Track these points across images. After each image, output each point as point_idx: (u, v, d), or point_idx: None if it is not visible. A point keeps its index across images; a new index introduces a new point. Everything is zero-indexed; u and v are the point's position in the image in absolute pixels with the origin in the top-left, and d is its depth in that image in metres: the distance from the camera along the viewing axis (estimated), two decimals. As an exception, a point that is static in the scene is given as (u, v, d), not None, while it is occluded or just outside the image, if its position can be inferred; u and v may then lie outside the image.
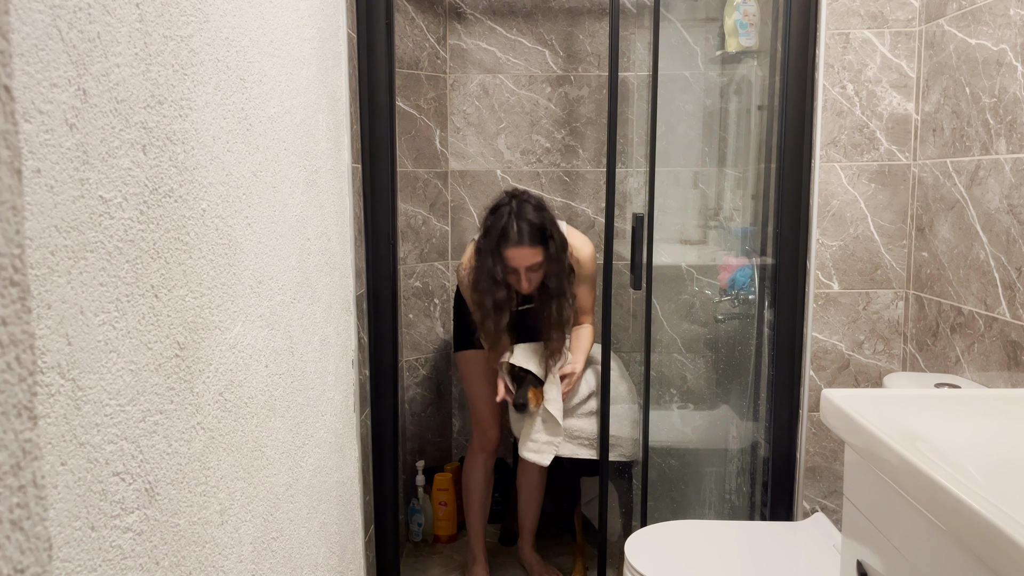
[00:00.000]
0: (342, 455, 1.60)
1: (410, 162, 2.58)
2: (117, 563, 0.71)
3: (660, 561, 1.61)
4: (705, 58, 2.38)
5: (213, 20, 0.94)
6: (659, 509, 2.34)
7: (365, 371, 1.88)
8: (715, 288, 2.35)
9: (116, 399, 0.71)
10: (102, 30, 0.69)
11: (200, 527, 0.89)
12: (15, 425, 0.55)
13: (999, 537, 0.71)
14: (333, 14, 1.57)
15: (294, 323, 1.26)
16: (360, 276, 1.83)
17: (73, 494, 0.64)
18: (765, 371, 2.06)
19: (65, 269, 0.63)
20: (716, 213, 2.41)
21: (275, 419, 1.16)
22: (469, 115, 2.69)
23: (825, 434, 1.96)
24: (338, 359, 1.58)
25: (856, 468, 1.08)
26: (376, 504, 1.97)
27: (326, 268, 1.49)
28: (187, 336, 0.86)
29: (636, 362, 2.45)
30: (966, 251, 1.67)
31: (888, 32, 1.85)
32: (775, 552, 1.69)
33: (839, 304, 1.93)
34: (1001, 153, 1.54)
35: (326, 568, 1.44)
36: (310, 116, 1.37)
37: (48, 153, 0.60)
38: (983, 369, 1.61)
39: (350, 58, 1.74)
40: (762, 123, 2.13)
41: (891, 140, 1.88)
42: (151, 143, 0.78)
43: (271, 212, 1.15)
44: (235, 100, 1.00)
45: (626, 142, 2.49)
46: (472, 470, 2.29)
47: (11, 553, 0.54)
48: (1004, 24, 1.53)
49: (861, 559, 1.06)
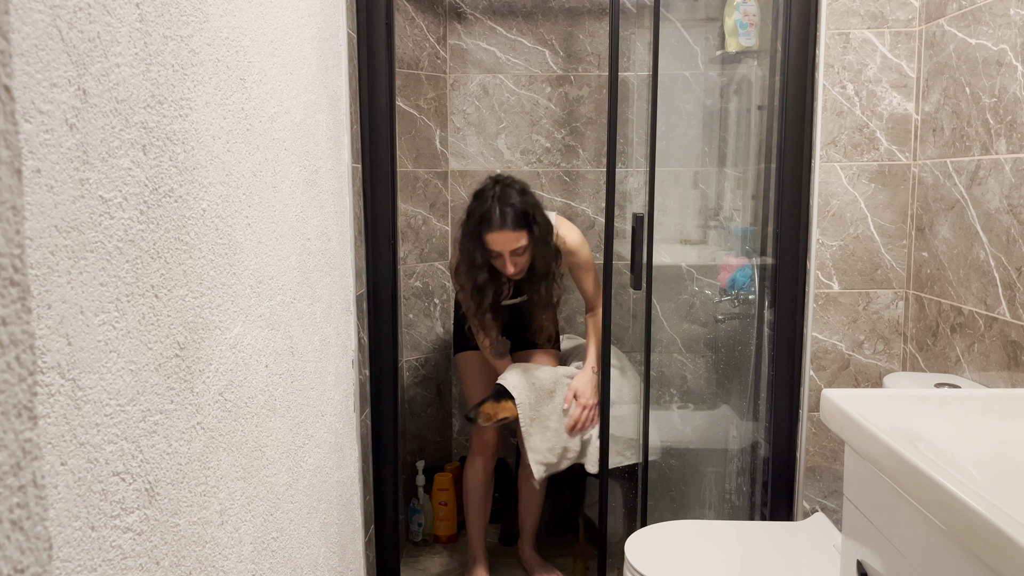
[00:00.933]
0: (342, 455, 1.60)
1: (410, 162, 2.58)
2: (117, 563, 0.71)
3: (660, 561, 1.61)
4: (705, 58, 2.38)
5: (213, 20, 0.94)
6: (659, 509, 2.34)
7: (365, 371, 1.88)
8: (715, 288, 2.35)
9: (116, 399, 0.71)
10: (102, 30, 0.69)
11: (200, 527, 0.89)
12: (15, 425, 0.55)
13: (999, 537, 0.71)
14: (333, 14, 1.57)
15: (294, 323, 1.26)
16: (360, 276, 1.83)
17: (73, 494, 0.64)
18: (765, 371, 2.06)
19: (65, 269, 0.63)
20: (716, 213, 2.41)
21: (275, 419, 1.16)
22: (469, 115, 2.69)
23: (825, 434, 1.96)
24: (338, 359, 1.58)
25: (856, 468, 1.08)
26: (376, 504, 1.97)
27: (326, 268, 1.49)
28: (187, 336, 0.86)
29: (636, 362, 2.45)
30: (966, 251, 1.67)
31: (888, 32, 1.85)
32: (775, 552, 1.68)
33: (839, 304, 1.93)
34: (1001, 153, 1.54)
35: (326, 568, 1.44)
36: (310, 116, 1.37)
37: (48, 153, 0.60)
38: (983, 369, 1.61)
39: (350, 58, 1.74)
40: (762, 123, 2.13)
41: (891, 140, 1.88)
42: (151, 143, 0.78)
43: (271, 212, 1.15)
44: (235, 100, 1.00)
45: (626, 142, 2.49)
46: (472, 473, 2.29)
47: (11, 553, 0.54)
48: (1004, 24, 1.53)
49: (861, 559, 1.06)
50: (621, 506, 2.40)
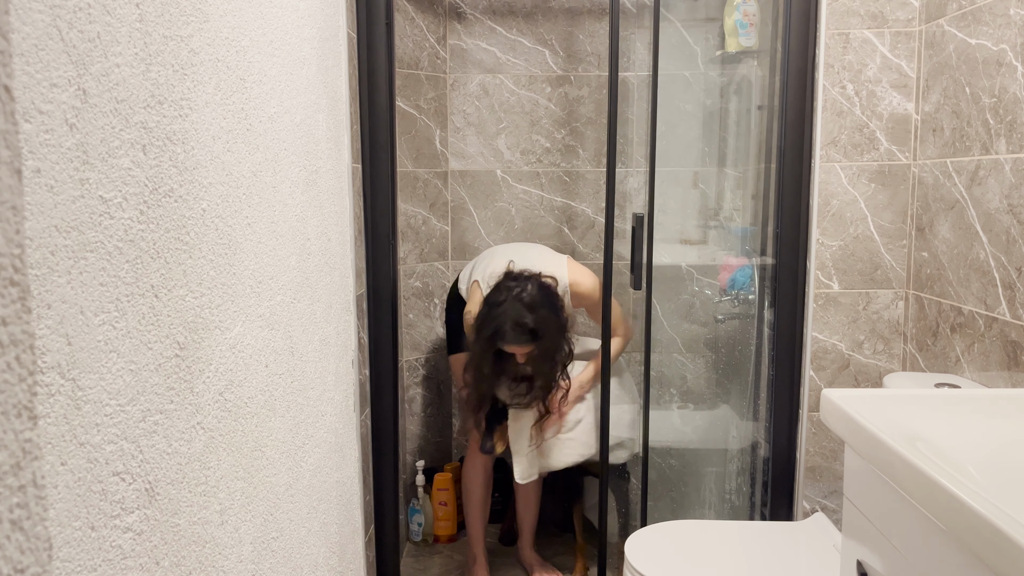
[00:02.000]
0: (342, 455, 1.60)
1: (410, 162, 2.58)
2: (117, 563, 0.71)
3: (660, 561, 1.61)
4: (705, 58, 2.38)
5: (213, 20, 0.94)
6: (659, 509, 2.34)
7: (365, 371, 1.88)
8: (715, 288, 2.35)
9: (116, 399, 0.71)
10: (102, 30, 0.69)
11: (200, 527, 0.89)
12: (15, 425, 0.55)
13: (999, 537, 0.71)
14: (333, 14, 1.57)
15: (294, 323, 1.26)
16: (360, 276, 1.83)
17: (73, 494, 0.64)
18: (765, 371, 2.06)
19: (65, 269, 0.63)
20: (716, 213, 2.41)
21: (275, 419, 1.16)
22: (469, 115, 2.69)
23: (825, 434, 1.96)
24: (338, 359, 1.58)
25: (856, 468, 1.08)
26: (376, 504, 1.97)
27: (326, 268, 1.49)
28: (187, 336, 0.86)
29: (636, 362, 2.45)
30: (966, 251, 1.67)
31: (888, 32, 1.85)
32: (775, 552, 1.69)
33: (839, 304, 1.93)
34: (1001, 153, 1.54)
35: (326, 568, 1.44)
36: (310, 116, 1.37)
37: (48, 153, 0.60)
38: (983, 369, 1.60)
39: (350, 58, 1.74)
40: (762, 123, 2.13)
41: (891, 140, 1.88)
42: (151, 143, 0.78)
43: (271, 212, 1.15)
44: (235, 100, 1.00)
45: (626, 142, 2.49)
46: (471, 472, 2.30)
47: (11, 553, 0.54)
48: (1004, 24, 1.53)
49: (861, 559, 1.06)
50: (617, 506, 2.40)
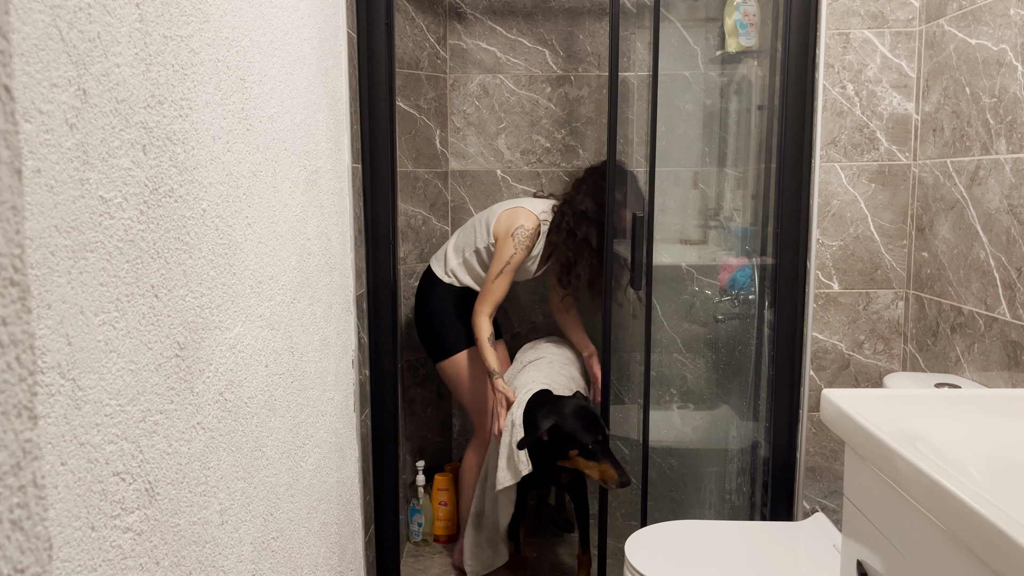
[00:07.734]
0: (342, 455, 1.60)
1: (410, 162, 2.58)
2: (117, 563, 0.71)
3: (660, 561, 1.61)
4: (705, 58, 2.38)
5: (213, 20, 0.94)
6: (659, 509, 2.34)
7: (365, 371, 1.88)
8: (715, 288, 2.35)
9: (116, 399, 0.71)
10: (102, 30, 0.69)
11: (200, 527, 0.89)
12: (15, 425, 0.55)
13: (999, 537, 0.71)
14: (333, 14, 1.57)
15: (294, 323, 1.26)
16: (360, 276, 1.83)
17: (73, 494, 0.64)
18: (765, 371, 2.06)
19: (65, 269, 0.63)
20: (716, 213, 2.40)
21: (275, 419, 1.16)
22: (469, 115, 2.69)
23: (825, 434, 1.96)
24: (338, 359, 1.58)
25: (856, 468, 1.08)
26: (376, 504, 1.97)
27: (326, 268, 1.49)
28: (187, 336, 0.86)
29: (636, 362, 2.45)
30: (966, 251, 1.67)
31: (888, 32, 1.85)
32: (775, 552, 1.68)
33: (839, 304, 1.93)
34: (1001, 153, 1.54)
35: (326, 568, 1.44)
36: (310, 116, 1.37)
37: (48, 153, 0.60)
38: (983, 369, 1.60)
39: (350, 58, 1.74)
40: (762, 123, 2.13)
41: (891, 140, 1.88)
42: (151, 143, 0.78)
43: (271, 212, 1.15)
44: (235, 100, 1.00)
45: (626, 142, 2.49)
46: (468, 465, 2.32)
47: (11, 553, 0.54)
48: (1004, 24, 1.53)
49: (861, 559, 1.06)
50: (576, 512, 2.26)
